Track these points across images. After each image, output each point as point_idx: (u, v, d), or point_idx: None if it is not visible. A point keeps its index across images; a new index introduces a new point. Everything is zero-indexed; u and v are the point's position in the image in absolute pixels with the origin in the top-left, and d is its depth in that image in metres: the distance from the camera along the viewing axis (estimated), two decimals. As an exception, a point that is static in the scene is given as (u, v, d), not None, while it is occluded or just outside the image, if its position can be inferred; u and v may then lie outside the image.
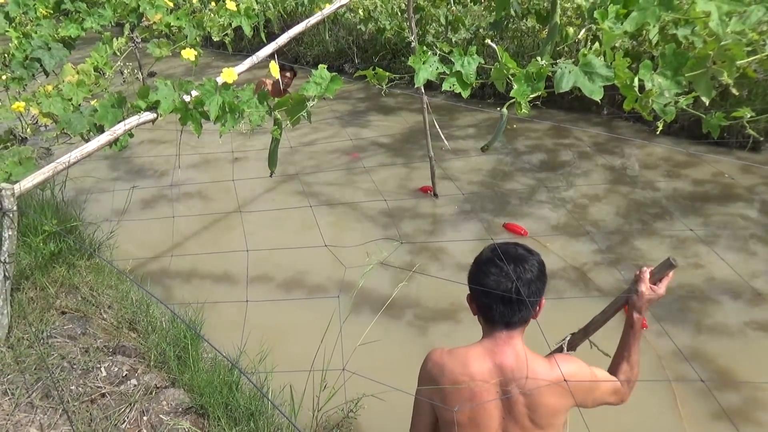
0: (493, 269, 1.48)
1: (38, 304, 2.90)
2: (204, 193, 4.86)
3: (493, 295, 1.46)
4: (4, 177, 2.79)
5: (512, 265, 1.47)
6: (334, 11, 3.55)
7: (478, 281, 1.50)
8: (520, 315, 1.48)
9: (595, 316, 1.69)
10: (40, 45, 4.24)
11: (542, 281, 1.51)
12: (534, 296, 1.47)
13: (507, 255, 1.50)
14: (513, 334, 1.50)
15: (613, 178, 4.70)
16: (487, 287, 1.47)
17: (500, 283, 1.46)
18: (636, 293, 1.57)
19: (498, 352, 1.49)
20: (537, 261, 1.53)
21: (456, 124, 6.00)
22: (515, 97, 2.40)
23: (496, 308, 1.47)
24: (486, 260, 1.52)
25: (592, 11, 2.81)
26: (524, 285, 1.45)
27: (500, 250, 1.53)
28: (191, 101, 2.83)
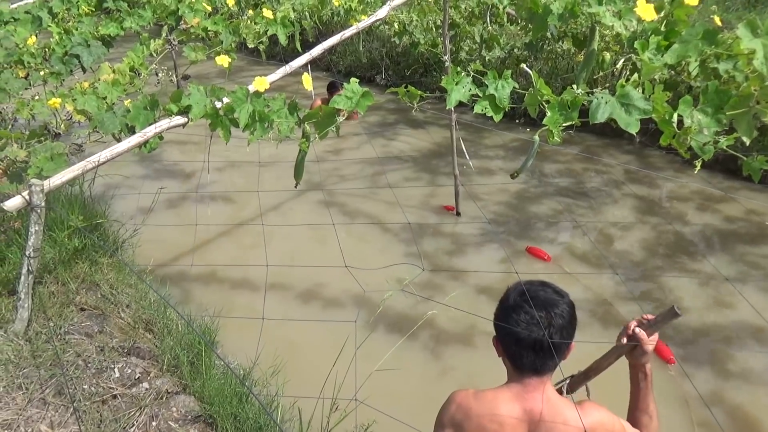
0: (523, 316, 1.43)
1: (58, 299, 2.93)
2: (229, 198, 4.88)
3: (523, 343, 1.42)
4: (35, 172, 2.83)
5: (543, 312, 1.42)
6: (370, 25, 3.55)
7: (508, 329, 1.45)
8: (552, 362, 1.43)
9: (597, 359, 1.63)
10: (79, 42, 4.33)
11: (573, 325, 1.46)
12: (565, 341, 1.42)
13: (536, 299, 1.45)
14: (543, 380, 1.45)
15: (641, 209, 4.60)
16: (516, 335, 1.42)
17: (532, 331, 1.41)
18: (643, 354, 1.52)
19: (528, 397, 1.43)
20: (567, 304, 1.48)
21: (484, 143, 5.96)
22: (548, 125, 2.36)
23: (527, 356, 1.43)
24: (515, 306, 1.46)
25: (632, 41, 2.76)
26: (556, 332, 1.41)
27: (529, 293, 1.47)
28: (222, 108, 2.85)
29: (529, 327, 1.41)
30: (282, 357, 2.73)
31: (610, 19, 2.89)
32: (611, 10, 2.95)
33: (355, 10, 5.14)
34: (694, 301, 3.52)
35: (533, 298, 1.46)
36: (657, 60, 2.56)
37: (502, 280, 3.68)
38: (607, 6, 3.00)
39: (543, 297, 1.47)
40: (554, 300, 1.47)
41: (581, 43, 4.38)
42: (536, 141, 2.52)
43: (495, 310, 1.55)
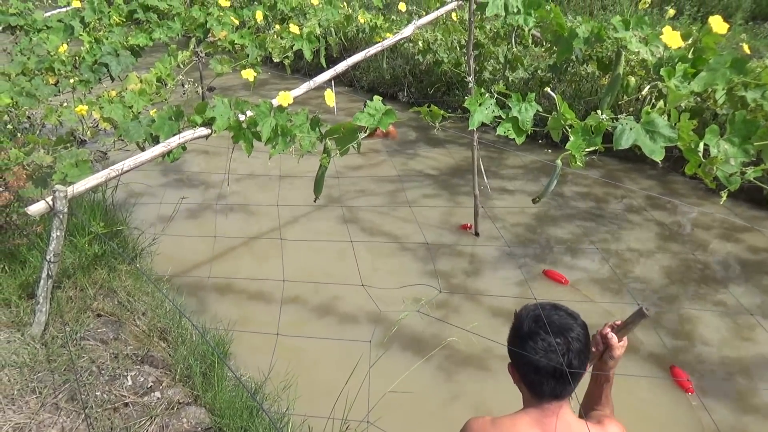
0: (541, 344, 1.40)
1: (76, 304, 2.95)
2: (248, 210, 4.91)
3: (543, 371, 1.39)
4: (60, 177, 2.88)
5: (560, 337, 1.40)
6: (395, 43, 3.57)
7: (526, 357, 1.42)
8: (571, 387, 1.41)
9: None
10: (109, 51, 4.41)
11: (588, 347, 1.45)
12: (583, 365, 1.40)
13: (551, 325, 1.43)
14: (562, 404, 1.43)
15: (663, 236, 4.53)
16: (535, 364, 1.40)
17: (551, 359, 1.39)
18: (612, 358, 1.54)
19: (547, 422, 1.41)
20: (581, 326, 1.46)
21: (505, 163, 5.93)
22: (571, 149, 2.34)
23: (547, 384, 1.40)
24: (530, 333, 1.44)
25: (659, 67, 2.73)
26: (575, 356, 1.38)
27: (542, 318, 1.45)
28: (245, 121, 2.87)
29: (548, 355, 1.39)
30: (294, 372, 2.71)
31: (636, 45, 2.88)
32: (638, 36, 2.94)
33: (381, 27, 5.17)
34: (715, 332, 3.45)
35: (548, 324, 1.44)
36: (683, 87, 2.53)
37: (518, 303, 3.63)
38: (634, 31, 2.98)
39: (558, 322, 1.45)
40: (569, 324, 1.45)
41: (606, 67, 4.35)
42: (558, 165, 2.50)
43: (508, 337, 1.53)
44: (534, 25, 3.29)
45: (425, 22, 3.68)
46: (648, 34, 2.91)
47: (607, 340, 1.54)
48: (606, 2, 9.52)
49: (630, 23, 2.96)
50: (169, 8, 5.21)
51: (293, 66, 4.85)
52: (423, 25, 3.78)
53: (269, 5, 5.44)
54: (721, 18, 2.58)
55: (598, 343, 1.54)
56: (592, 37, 3.11)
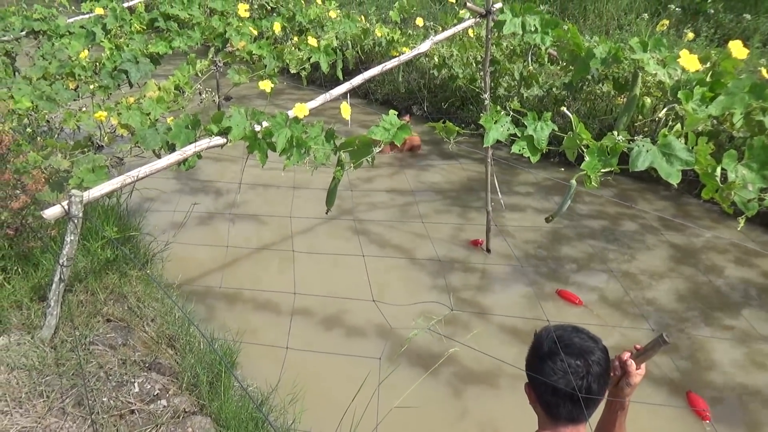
0: (560, 365, 1.38)
1: (86, 309, 2.97)
2: (260, 219, 4.92)
3: (561, 393, 1.37)
4: (76, 182, 2.90)
5: (580, 360, 1.38)
6: (412, 58, 3.59)
7: (544, 378, 1.41)
8: (590, 411, 1.39)
9: None
10: (129, 58, 4.47)
11: (608, 372, 1.43)
12: (602, 390, 1.38)
13: (572, 347, 1.41)
14: (578, 428, 1.40)
15: (676, 258, 4.48)
16: (553, 385, 1.38)
17: (569, 381, 1.37)
18: (628, 385, 1.50)
19: None
20: (602, 350, 1.44)
21: (517, 179, 5.91)
22: (586, 170, 2.33)
23: (564, 406, 1.38)
24: (550, 354, 1.42)
25: (676, 90, 2.72)
26: (594, 380, 1.36)
27: (563, 340, 1.43)
28: (261, 131, 2.89)
29: (567, 377, 1.37)
30: (301, 384, 2.70)
31: (654, 67, 2.87)
32: (655, 58, 2.93)
33: (397, 41, 5.20)
34: (728, 358, 3.39)
35: (568, 345, 1.42)
36: (701, 111, 2.52)
37: (529, 322, 3.61)
38: (652, 53, 2.98)
39: (579, 344, 1.43)
40: (590, 347, 1.43)
41: (622, 87, 4.35)
42: (573, 185, 2.48)
43: (527, 356, 1.51)
44: (551, 44, 3.30)
45: (442, 38, 3.70)
46: (666, 56, 2.90)
47: (626, 367, 1.50)
48: (622, 21, 9.52)
49: (648, 45, 2.96)
50: (190, 17, 5.28)
51: (309, 77, 4.90)
52: (440, 41, 3.79)
53: (288, 17, 5.50)
54: (741, 43, 2.57)
55: (615, 368, 1.52)
56: (609, 57, 3.11)
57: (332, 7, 5.26)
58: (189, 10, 5.34)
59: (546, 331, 1.50)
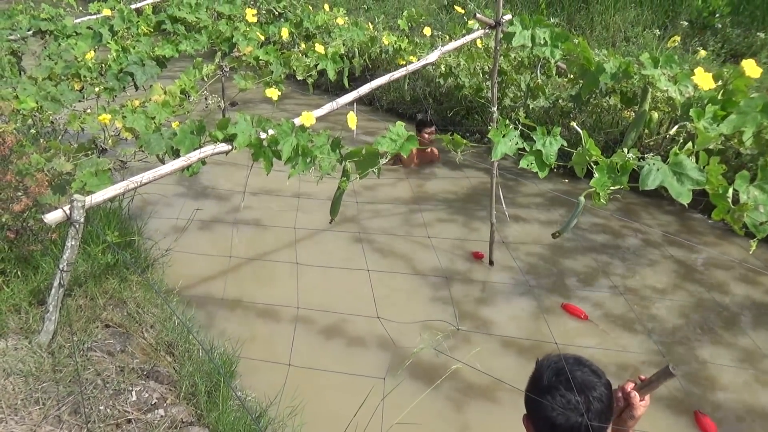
0: (559, 400, 1.34)
1: (85, 314, 2.93)
2: (263, 227, 4.89)
3: (560, 429, 1.33)
4: (78, 186, 2.88)
5: (582, 396, 1.34)
6: (420, 68, 3.56)
7: (542, 412, 1.36)
8: None
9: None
10: (135, 60, 4.46)
11: (611, 409, 1.38)
12: (604, 428, 1.34)
13: (573, 380, 1.37)
14: None
15: (680, 273, 4.44)
16: (552, 421, 1.34)
17: (569, 417, 1.33)
18: (631, 418, 1.47)
19: None
20: (605, 386, 1.40)
21: (521, 190, 5.88)
22: (595, 187, 2.30)
23: None
24: (550, 387, 1.38)
25: (687, 107, 2.70)
26: (594, 417, 1.32)
27: (565, 373, 1.39)
28: (266, 139, 2.87)
29: (566, 413, 1.33)
30: (301, 398, 2.66)
31: (665, 84, 2.84)
32: (666, 74, 2.91)
33: (405, 50, 5.19)
34: (733, 377, 3.35)
35: (569, 379, 1.38)
36: (712, 129, 2.49)
37: (533, 337, 3.57)
38: (663, 69, 2.95)
39: (581, 378, 1.38)
40: (592, 382, 1.38)
41: (629, 101, 4.33)
42: (581, 202, 2.45)
43: (527, 386, 1.47)
44: (560, 57, 3.27)
45: (450, 48, 3.68)
46: (677, 72, 2.87)
47: (629, 399, 1.46)
48: (629, 34, 9.51)
49: (659, 61, 2.94)
50: (197, 21, 5.27)
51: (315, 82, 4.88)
52: (448, 52, 3.77)
53: (295, 23, 5.49)
54: (753, 61, 2.54)
55: (618, 400, 1.48)
56: (619, 72, 3.09)
57: (340, 14, 5.25)
58: (197, 13, 5.33)
59: (547, 361, 1.46)
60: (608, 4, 9.89)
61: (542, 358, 1.49)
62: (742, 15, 9.01)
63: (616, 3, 9.90)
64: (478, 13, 3.55)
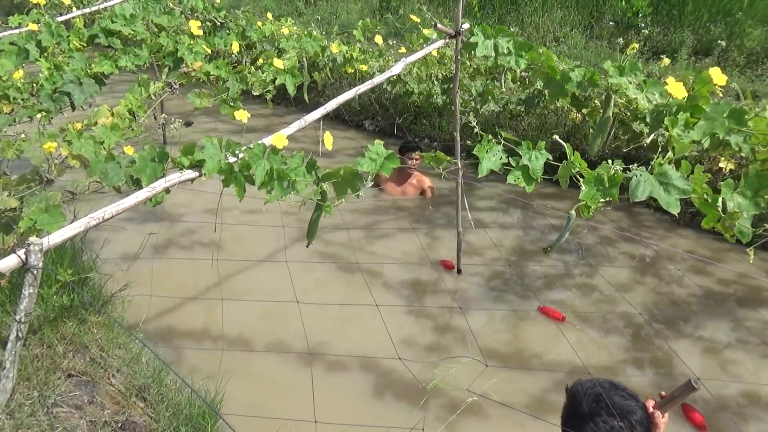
0: (602, 426, 1.32)
1: (43, 364, 2.67)
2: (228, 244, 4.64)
3: None
4: (27, 224, 2.62)
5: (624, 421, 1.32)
6: (385, 80, 3.49)
7: None
8: None
9: None
10: (71, 79, 4.14)
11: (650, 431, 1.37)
12: None
13: (613, 406, 1.35)
14: None
15: (638, 268, 4.60)
16: None
17: None
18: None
19: None
20: (642, 409, 1.39)
21: (476, 193, 5.90)
22: (585, 200, 2.30)
23: None
24: (591, 414, 1.36)
25: (657, 115, 2.76)
26: None
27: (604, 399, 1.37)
28: (237, 163, 2.71)
29: None
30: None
31: (633, 92, 2.90)
32: (633, 82, 2.97)
33: (356, 59, 5.09)
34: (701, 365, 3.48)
35: (609, 405, 1.36)
36: (685, 136, 2.55)
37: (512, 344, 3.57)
38: (628, 78, 3.01)
39: (620, 403, 1.37)
40: (631, 407, 1.38)
41: (580, 104, 4.42)
42: (572, 216, 2.46)
43: (562, 414, 1.44)
44: (525, 66, 3.28)
45: (414, 59, 3.62)
46: (642, 80, 2.94)
47: (653, 419, 1.44)
48: (558, 34, 9.82)
49: (624, 69, 3.00)
50: (134, 34, 4.97)
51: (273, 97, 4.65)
52: (412, 62, 3.72)
53: (237, 33, 5.28)
54: (719, 69, 2.62)
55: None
56: (585, 81, 3.13)
57: (287, 24, 5.08)
58: (132, 25, 5.02)
59: (582, 387, 1.44)
60: (536, 6, 10.17)
61: (574, 385, 1.47)
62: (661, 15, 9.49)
63: (544, 4, 10.20)
64: (438, 24, 3.51)
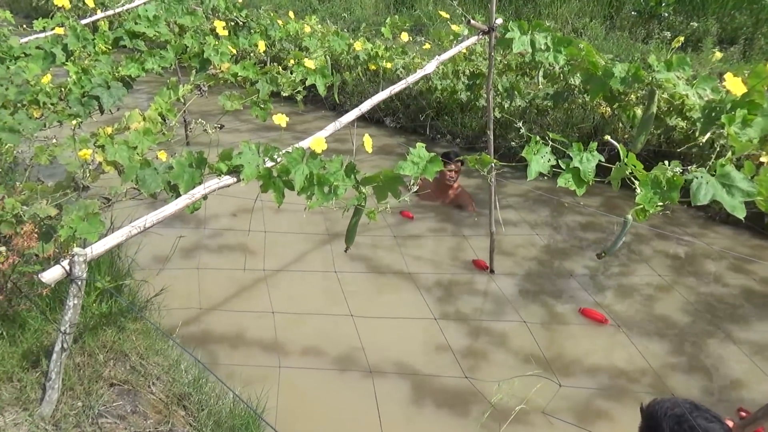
0: None
1: (86, 372, 2.64)
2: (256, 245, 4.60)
3: None
4: (67, 233, 2.58)
5: None
6: (419, 79, 3.42)
7: None
8: None
9: None
10: (99, 83, 4.10)
11: None
12: None
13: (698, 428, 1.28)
14: None
15: (674, 268, 4.48)
16: None
17: None
18: None
19: None
20: (725, 430, 1.32)
21: (505, 191, 5.81)
22: (642, 203, 2.21)
23: None
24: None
25: (709, 112, 2.66)
26: None
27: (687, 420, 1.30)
28: (276, 168, 2.65)
29: None
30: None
31: (683, 88, 2.80)
32: (682, 78, 2.87)
33: (381, 56, 5.02)
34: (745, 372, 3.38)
35: (693, 427, 1.29)
36: (742, 134, 2.45)
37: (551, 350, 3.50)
38: (676, 73, 2.91)
39: (704, 425, 1.30)
40: (714, 428, 1.31)
41: (612, 99, 4.31)
42: (629, 220, 2.37)
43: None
44: (565, 63, 3.19)
45: (447, 57, 3.55)
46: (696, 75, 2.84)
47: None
48: (576, 26, 9.66)
49: (671, 64, 2.89)
50: (158, 35, 4.93)
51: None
52: (444, 61, 3.64)
53: (259, 32, 5.22)
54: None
55: None
56: (629, 77, 3.03)
57: (312, 22, 5.02)
58: (156, 27, 4.98)
59: (661, 408, 1.37)
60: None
61: (651, 404, 1.40)
62: (684, 3, 9.29)
63: (561, -6, 10.04)
64: (472, 20, 3.43)
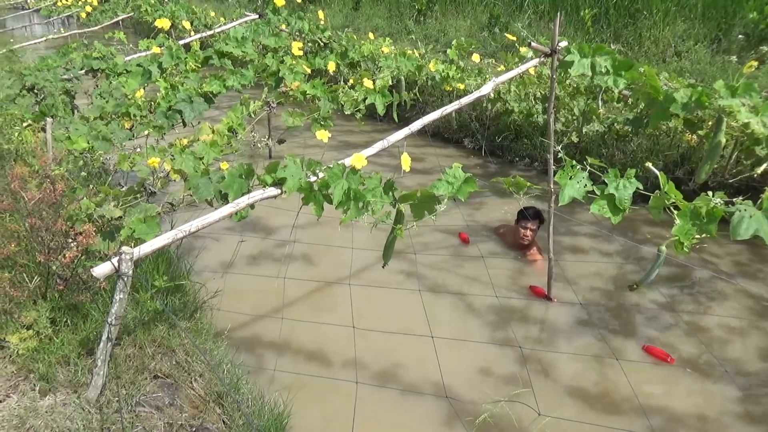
0: None
1: (133, 363, 2.86)
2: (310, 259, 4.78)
3: None
4: (127, 233, 2.83)
5: None
6: (473, 101, 3.42)
7: None
8: None
9: None
10: (183, 98, 4.46)
11: None
12: None
13: None
14: None
15: (755, 309, 4.11)
16: None
17: None
18: None
19: None
20: None
21: (576, 217, 5.60)
22: (678, 235, 2.08)
23: None
24: None
25: (774, 141, 2.45)
26: None
27: None
28: (317, 182, 2.76)
29: None
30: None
31: (746, 115, 2.61)
32: (746, 105, 2.66)
33: (453, 77, 5.05)
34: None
35: None
36: (807, 167, 2.24)
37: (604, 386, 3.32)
38: (741, 99, 2.71)
39: None
40: None
41: (693, 124, 4.06)
42: (663, 252, 2.24)
43: None
44: (625, 87, 3.07)
45: (505, 79, 3.52)
46: (756, 101, 2.63)
47: None
48: (680, 48, 9.13)
49: (737, 90, 2.70)
50: (244, 54, 5.27)
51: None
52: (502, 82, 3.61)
53: (340, 53, 5.43)
54: None
55: None
56: (691, 103, 2.86)
57: (386, 43, 5.17)
58: (243, 47, 5.34)
59: None
60: (657, 19, 9.54)
61: None
62: (797, 26, 8.53)
63: (665, 17, 9.54)
64: (534, 42, 3.38)
